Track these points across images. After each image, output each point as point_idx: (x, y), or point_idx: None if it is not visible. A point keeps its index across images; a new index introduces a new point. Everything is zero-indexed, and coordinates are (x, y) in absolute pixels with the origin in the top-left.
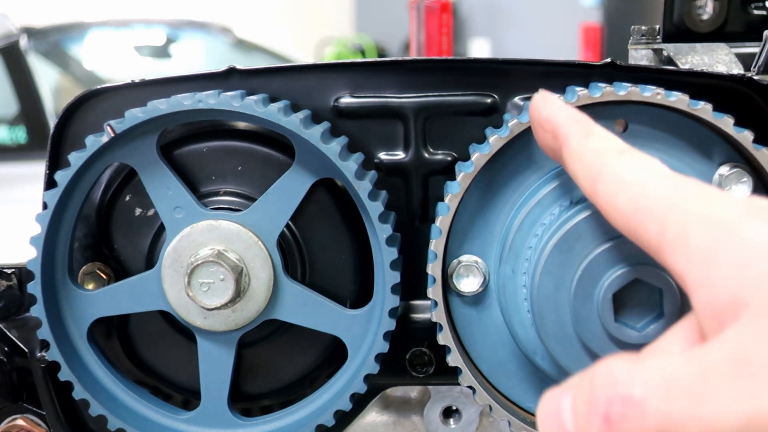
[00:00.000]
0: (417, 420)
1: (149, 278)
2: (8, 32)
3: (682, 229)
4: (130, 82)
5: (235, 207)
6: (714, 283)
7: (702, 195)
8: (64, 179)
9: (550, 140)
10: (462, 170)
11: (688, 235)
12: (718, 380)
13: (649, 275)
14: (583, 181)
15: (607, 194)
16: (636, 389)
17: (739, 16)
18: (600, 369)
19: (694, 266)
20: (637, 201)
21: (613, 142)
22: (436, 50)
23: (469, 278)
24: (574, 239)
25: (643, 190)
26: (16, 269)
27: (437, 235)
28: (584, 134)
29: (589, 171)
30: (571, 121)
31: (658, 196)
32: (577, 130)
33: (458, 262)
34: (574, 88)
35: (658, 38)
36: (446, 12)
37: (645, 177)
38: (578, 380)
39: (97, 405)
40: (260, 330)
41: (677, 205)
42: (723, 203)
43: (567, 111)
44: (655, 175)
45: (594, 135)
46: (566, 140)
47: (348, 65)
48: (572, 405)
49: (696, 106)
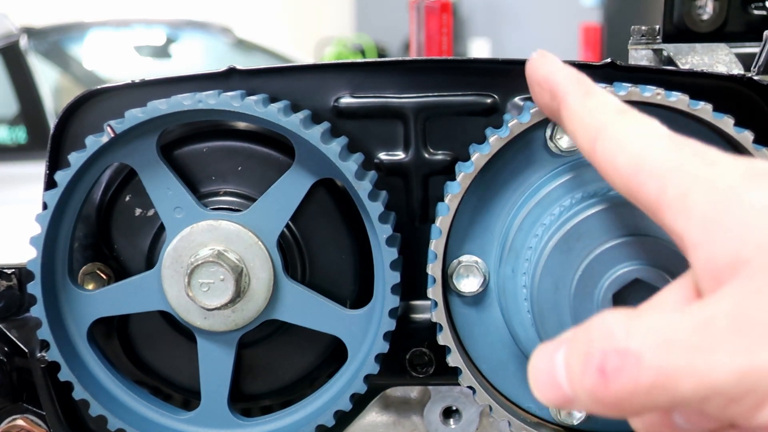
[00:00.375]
0: (417, 420)
1: (149, 278)
2: (8, 32)
3: (683, 189)
4: (130, 82)
5: (235, 207)
6: (714, 242)
7: (704, 156)
8: (64, 179)
9: (548, 99)
10: (462, 170)
11: (689, 195)
12: (715, 335)
13: (649, 275)
14: (581, 140)
15: (606, 153)
16: (632, 342)
17: (739, 16)
18: (596, 322)
19: (695, 225)
20: (638, 160)
21: (613, 102)
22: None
23: (469, 278)
24: (574, 239)
25: (643, 150)
26: (16, 269)
27: (437, 235)
28: (584, 93)
29: (588, 130)
30: (570, 79)
31: (659, 155)
32: (576, 89)
33: (458, 262)
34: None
35: (658, 38)
36: (446, 12)
37: (646, 137)
38: (573, 333)
39: (97, 405)
40: (260, 330)
41: (679, 165)
42: (725, 165)
43: (566, 70)
44: (657, 135)
45: (594, 94)
46: (565, 99)
47: (348, 65)
48: (566, 358)
49: (696, 106)
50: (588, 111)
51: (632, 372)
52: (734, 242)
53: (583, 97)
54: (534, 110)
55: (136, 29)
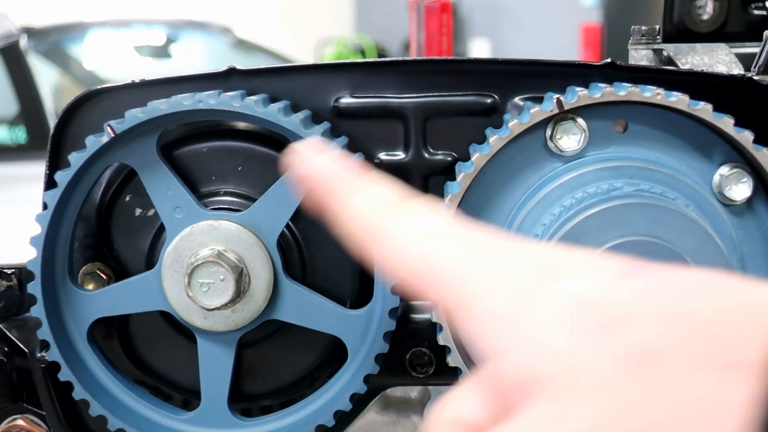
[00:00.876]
0: (417, 420)
1: (149, 278)
2: (8, 32)
3: (472, 291)
4: (130, 82)
5: (235, 207)
6: (510, 355)
7: (492, 251)
8: (64, 179)
9: (318, 198)
10: (462, 170)
11: (477, 299)
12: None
13: None
14: (358, 242)
15: (386, 256)
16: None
17: (739, 16)
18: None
19: (489, 333)
20: (418, 262)
21: (383, 197)
22: (436, 50)
23: None
24: (574, 239)
25: (422, 250)
26: (16, 269)
27: None
28: (349, 191)
29: (363, 231)
30: (339, 175)
31: (445, 253)
32: (347, 186)
33: None
34: (574, 88)
35: (658, 38)
36: (446, 12)
37: (427, 232)
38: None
39: (97, 405)
40: (260, 330)
41: (467, 262)
42: (519, 260)
43: (335, 164)
44: (433, 231)
45: (365, 190)
46: (334, 198)
47: (348, 65)
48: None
49: (696, 106)
50: (358, 210)
51: None
52: (526, 356)
53: (349, 195)
54: (534, 110)
55: (136, 29)
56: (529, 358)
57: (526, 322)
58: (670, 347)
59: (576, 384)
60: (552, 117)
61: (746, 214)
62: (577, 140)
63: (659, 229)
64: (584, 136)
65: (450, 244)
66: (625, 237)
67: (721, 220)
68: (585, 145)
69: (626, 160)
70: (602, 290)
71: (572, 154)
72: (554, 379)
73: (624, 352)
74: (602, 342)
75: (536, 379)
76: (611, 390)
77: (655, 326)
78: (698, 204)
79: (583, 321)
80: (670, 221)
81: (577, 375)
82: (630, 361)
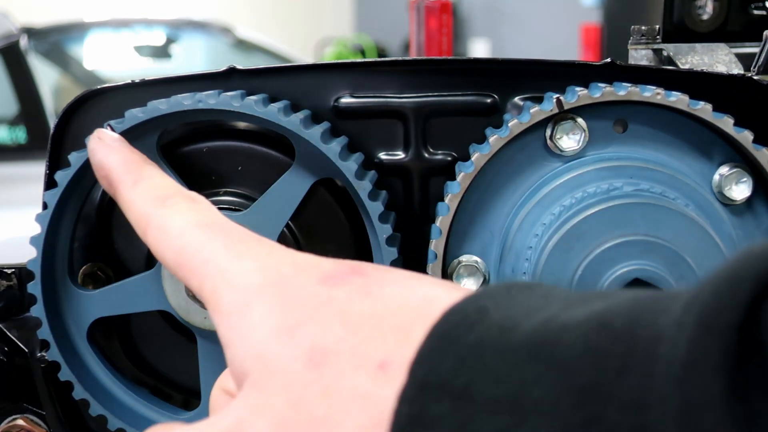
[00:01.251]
0: None
1: (149, 278)
2: (8, 32)
3: (213, 285)
4: (130, 82)
5: (235, 207)
6: (231, 347)
7: (234, 250)
8: (64, 179)
9: (107, 186)
10: (462, 170)
11: (217, 291)
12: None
13: (648, 275)
14: (136, 230)
15: (155, 247)
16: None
17: (739, 16)
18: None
19: (222, 325)
20: (179, 254)
21: (156, 190)
22: (436, 50)
23: (470, 278)
24: (574, 239)
25: (182, 242)
26: (16, 269)
27: (437, 235)
28: (132, 182)
29: (138, 221)
30: (121, 166)
31: (195, 248)
32: (127, 178)
33: (458, 262)
34: (574, 87)
35: (658, 38)
36: (446, 12)
37: (183, 228)
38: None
39: (97, 405)
40: None
41: (209, 259)
42: (251, 260)
43: (119, 155)
44: (193, 225)
45: (142, 182)
46: (117, 188)
47: (348, 65)
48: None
49: (696, 106)
50: (135, 201)
51: None
52: (242, 350)
53: (132, 185)
54: (534, 110)
55: (136, 29)
56: (242, 354)
57: (245, 320)
58: (342, 348)
59: (272, 379)
60: (552, 117)
61: (746, 214)
62: (577, 140)
63: (659, 228)
64: (584, 135)
65: (201, 241)
66: (625, 236)
67: (721, 219)
68: (585, 145)
69: (626, 159)
70: (304, 292)
71: (572, 153)
72: (258, 374)
73: (308, 351)
74: (295, 341)
75: (247, 372)
76: (296, 385)
77: (335, 327)
78: (698, 204)
79: (284, 320)
80: (670, 221)
81: (273, 371)
82: (311, 360)
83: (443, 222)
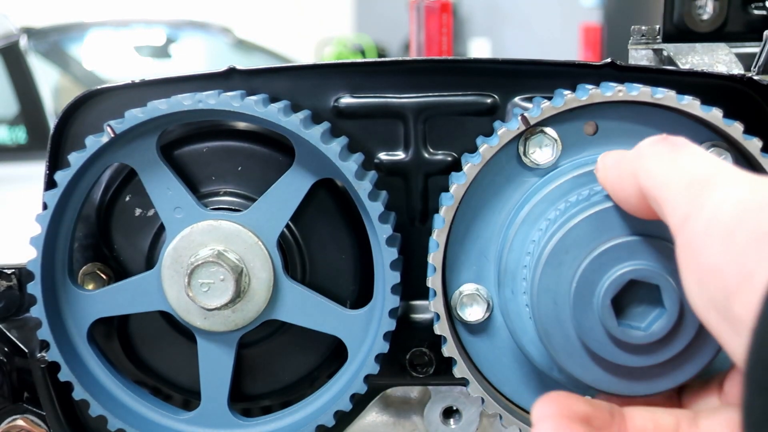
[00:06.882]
0: (417, 420)
1: (149, 278)
2: (8, 32)
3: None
4: (130, 82)
5: (235, 207)
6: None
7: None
8: (64, 179)
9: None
10: (444, 203)
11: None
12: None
13: (643, 275)
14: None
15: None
16: None
17: (739, 16)
18: None
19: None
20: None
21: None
22: (436, 50)
23: (473, 307)
24: (562, 253)
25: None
26: (16, 269)
27: (432, 272)
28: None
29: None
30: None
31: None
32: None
33: (460, 293)
34: (540, 99)
35: (658, 38)
36: (446, 12)
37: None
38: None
39: (97, 405)
40: (260, 330)
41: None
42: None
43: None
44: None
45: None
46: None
47: (348, 65)
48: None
49: (657, 95)
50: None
51: None
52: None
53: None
54: (501, 131)
55: (136, 29)
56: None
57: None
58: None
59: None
60: (521, 133)
61: None
62: (550, 151)
63: (644, 224)
64: (556, 145)
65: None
66: (614, 240)
67: None
68: (559, 155)
69: None
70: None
71: (548, 165)
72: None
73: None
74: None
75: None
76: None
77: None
78: None
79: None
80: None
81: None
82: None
83: (435, 257)
